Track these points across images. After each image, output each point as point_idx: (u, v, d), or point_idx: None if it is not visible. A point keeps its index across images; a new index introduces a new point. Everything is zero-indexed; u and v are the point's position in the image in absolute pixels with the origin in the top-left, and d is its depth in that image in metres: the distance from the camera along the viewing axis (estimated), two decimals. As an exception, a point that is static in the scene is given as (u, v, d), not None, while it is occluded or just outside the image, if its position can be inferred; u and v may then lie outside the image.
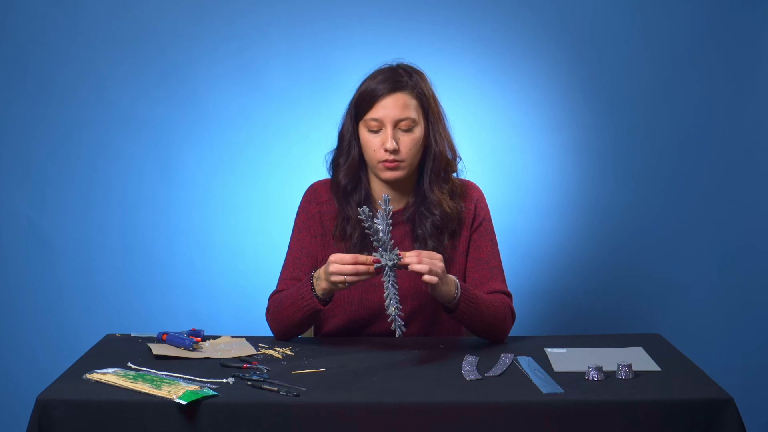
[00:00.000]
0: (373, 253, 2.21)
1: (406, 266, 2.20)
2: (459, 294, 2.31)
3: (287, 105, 3.41)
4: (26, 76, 3.37)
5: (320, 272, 2.30)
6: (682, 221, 3.45)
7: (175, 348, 2.28)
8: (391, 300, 2.16)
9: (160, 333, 2.33)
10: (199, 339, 2.31)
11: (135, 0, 3.37)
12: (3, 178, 3.40)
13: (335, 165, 2.50)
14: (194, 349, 2.27)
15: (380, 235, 2.18)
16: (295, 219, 2.54)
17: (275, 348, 2.31)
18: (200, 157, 3.42)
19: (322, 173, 2.57)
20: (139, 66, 3.38)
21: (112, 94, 3.39)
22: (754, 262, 3.44)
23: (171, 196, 3.43)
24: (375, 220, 2.19)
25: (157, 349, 2.26)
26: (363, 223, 2.21)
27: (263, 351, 2.28)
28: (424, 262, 2.20)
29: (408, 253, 2.21)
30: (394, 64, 2.48)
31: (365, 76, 2.46)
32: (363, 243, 2.44)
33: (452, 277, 2.31)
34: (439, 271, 2.22)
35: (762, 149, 3.43)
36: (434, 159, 2.45)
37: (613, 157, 3.44)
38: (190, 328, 2.36)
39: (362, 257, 2.21)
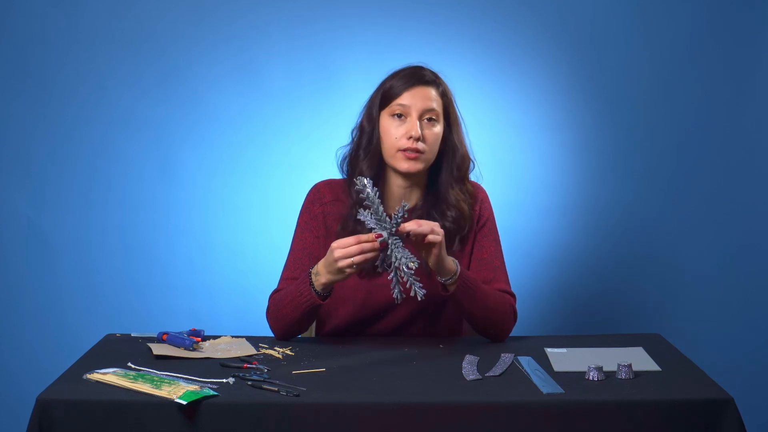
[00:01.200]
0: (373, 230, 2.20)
1: (407, 234, 2.20)
2: (458, 270, 2.31)
3: (287, 105, 3.41)
4: (26, 76, 3.37)
5: (319, 267, 2.30)
6: (682, 221, 3.45)
7: (175, 348, 2.28)
8: (407, 261, 2.14)
9: (160, 333, 2.33)
10: (199, 339, 2.31)
11: (135, 0, 3.37)
12: (3, 178, 3.40)
13: (354, 157, 2.49)
14: (194, 349, 2.27)
15: (376, 205, 2.18)
16: (298, 219, 2.53)
17: (275, 348, 2.31)
18: (200, 157, 3.42)
19: (323, 173, 2.56)
20: (139, 66, 3.38)
21: (112, 94, 3.38)
22: (754, 262, 3.44)
23: (171, 196, 3.42)
24: (368, 190, 2.18)
25: (157, 349, 2.26)
26: (360, 194, 2.20)
27: (263, 351, 2.28)
28: (423, 225, 2.22)
29: (406, 224, 2.21)
30: (420, 65, 2.49)
31: (390, 72, 2.47)
32: None
33: (451, 257, 2.32)
34: (441, 234, 2.24)
35: (762, 149, 3.43)
36: (458, 159, 2.47)
37: (613, 157, 3.44)
38: (190, 328, 2.36)
39: (364, 236, 2.20)
